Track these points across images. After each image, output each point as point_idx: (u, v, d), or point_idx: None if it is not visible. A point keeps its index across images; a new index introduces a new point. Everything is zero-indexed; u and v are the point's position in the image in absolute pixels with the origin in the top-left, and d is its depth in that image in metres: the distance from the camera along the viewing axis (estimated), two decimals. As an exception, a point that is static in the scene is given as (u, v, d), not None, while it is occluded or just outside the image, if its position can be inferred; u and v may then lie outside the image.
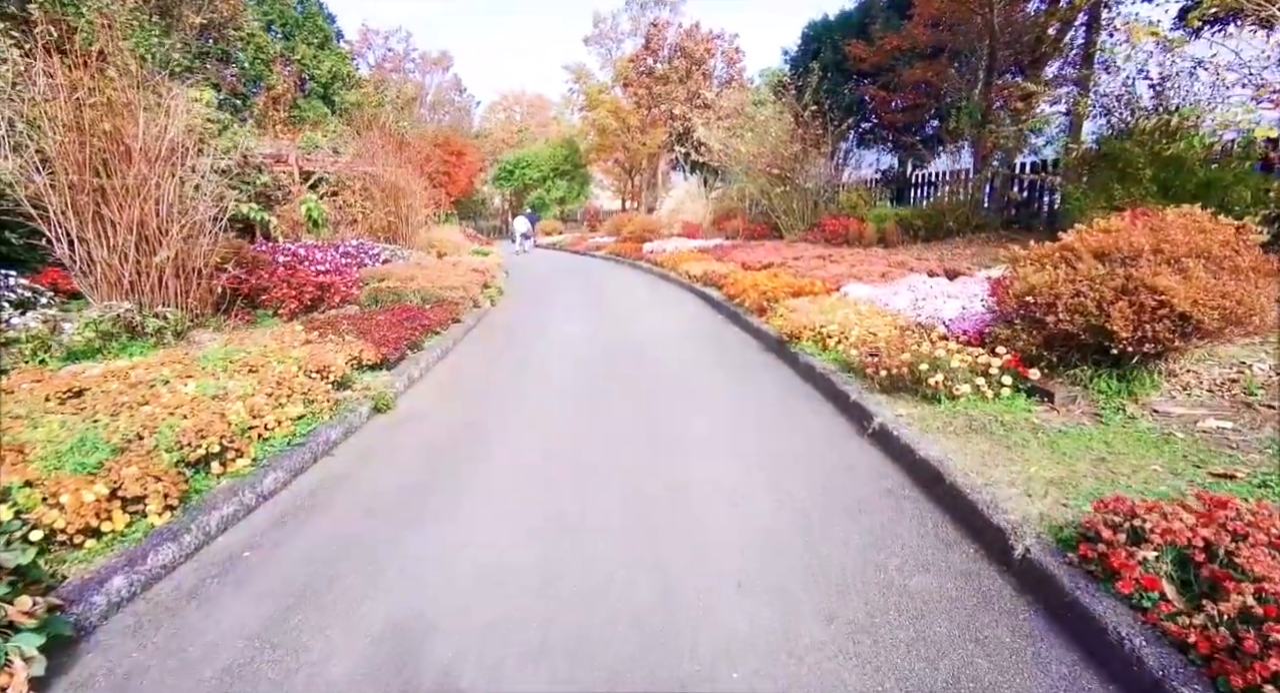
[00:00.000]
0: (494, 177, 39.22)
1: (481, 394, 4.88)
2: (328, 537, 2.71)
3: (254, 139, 11.65)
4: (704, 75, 29.63)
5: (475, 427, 4.07)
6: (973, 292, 5.75)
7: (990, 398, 3.61)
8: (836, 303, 6.21)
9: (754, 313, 7.16)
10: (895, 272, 7.58)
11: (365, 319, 6.15)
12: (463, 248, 14.43)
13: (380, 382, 4.61)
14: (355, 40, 37.75)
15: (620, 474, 3.30)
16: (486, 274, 10.39)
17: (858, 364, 4.44)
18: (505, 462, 3.49)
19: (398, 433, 3.98)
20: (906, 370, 3.85)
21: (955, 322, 4.84)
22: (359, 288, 7.72)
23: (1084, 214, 8.69)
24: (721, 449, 3.59)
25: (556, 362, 5.85)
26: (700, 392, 4.77)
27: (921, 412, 3.65)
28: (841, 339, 5.08)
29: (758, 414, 4.21)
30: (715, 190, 23.49)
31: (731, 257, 11.67)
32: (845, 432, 3.81)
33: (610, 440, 3.80)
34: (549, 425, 4.10)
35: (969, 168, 14.90)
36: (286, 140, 17.00)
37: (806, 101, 15.99)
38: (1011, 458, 2.99)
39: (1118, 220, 3.85)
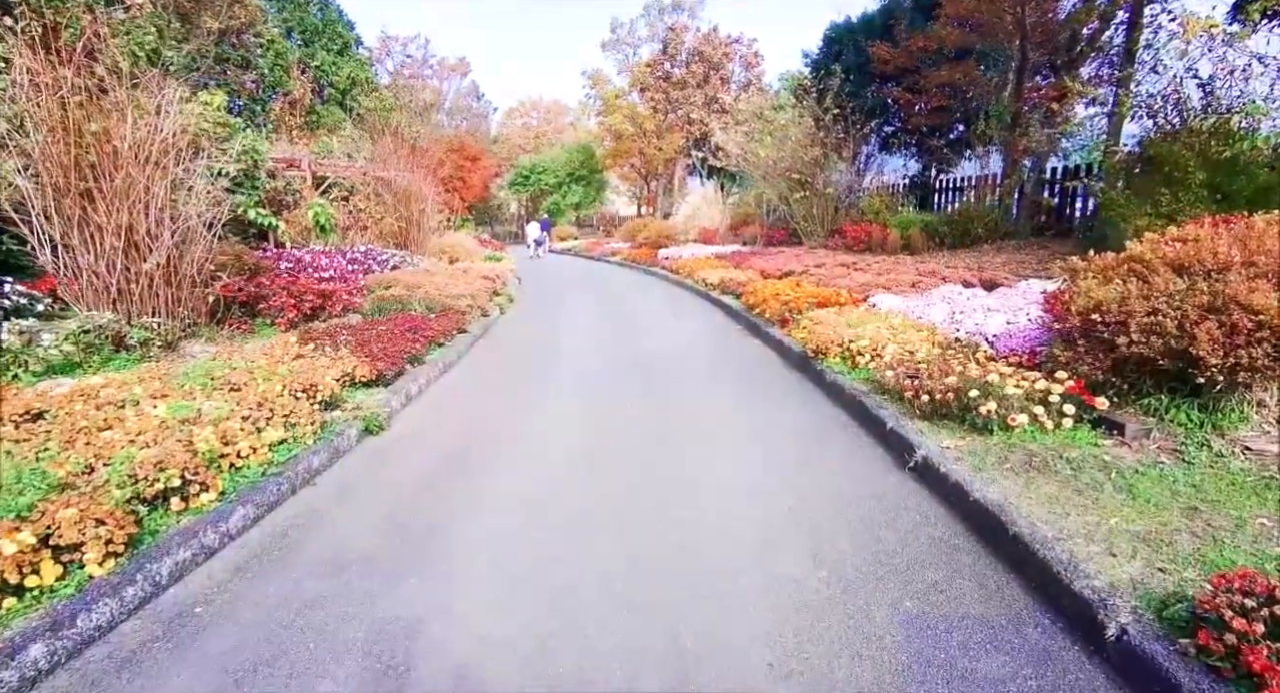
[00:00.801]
0: (510, 182, 39.15)
1: (480, 416, 4.52)
2: (291, 593, 2.35)
3: (265, 143, 11.50)
4: (722, 80, 29.31)
5: (469, 457, 3.71)
6: (1015, 305, 5.30)
7: (1050, 429, 3.18)
8: (865, 316, 5.80)
9: (775, 325, 6.76)
10: (927, 282, 7.13)
11: (366, 330, 5.85)
12: (475, 254, 14.18)
13: (373, 400, 4.28)
14: (374, 47, 37.95)
15: (627, 523, 2.92)
16: (497, 282, 10.09)
17: (893, 385, 4.03)
18: (496, 504, 3.12)
19: (386, 461, 3.63)
20: (952, 396, 3.44)
21: (1001, 338, 4.41)
22: (363, 296, 7.44)
23: (1128, 222, 8.22)
24: (745, 489, 3.19)
25: (563, 378, 5.49)
26: (720, 417, 4.38)
27: (971, 443, 3.23)
28: (874, 356, 4.66)
29: (784, 444, 3.81)
30: (732, 196, 23.10)
31: (749, 264, 11.27)
32: (884, 465, 3.40)
33: (617, 474, 3.43)
34: (550, 455, 3.73)
35: (997, 173, 14.37)
36: (302, 145, 16.97)
37: (828, 105, 15.57)
38: (1085, 504, 2.56)
39: (1194, 228, 3.41)
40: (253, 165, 10.70)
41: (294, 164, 13.33)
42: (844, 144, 16.15)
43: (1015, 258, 11.00)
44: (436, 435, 4.04)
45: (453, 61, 41.85)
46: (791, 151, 16.63)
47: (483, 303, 8.05)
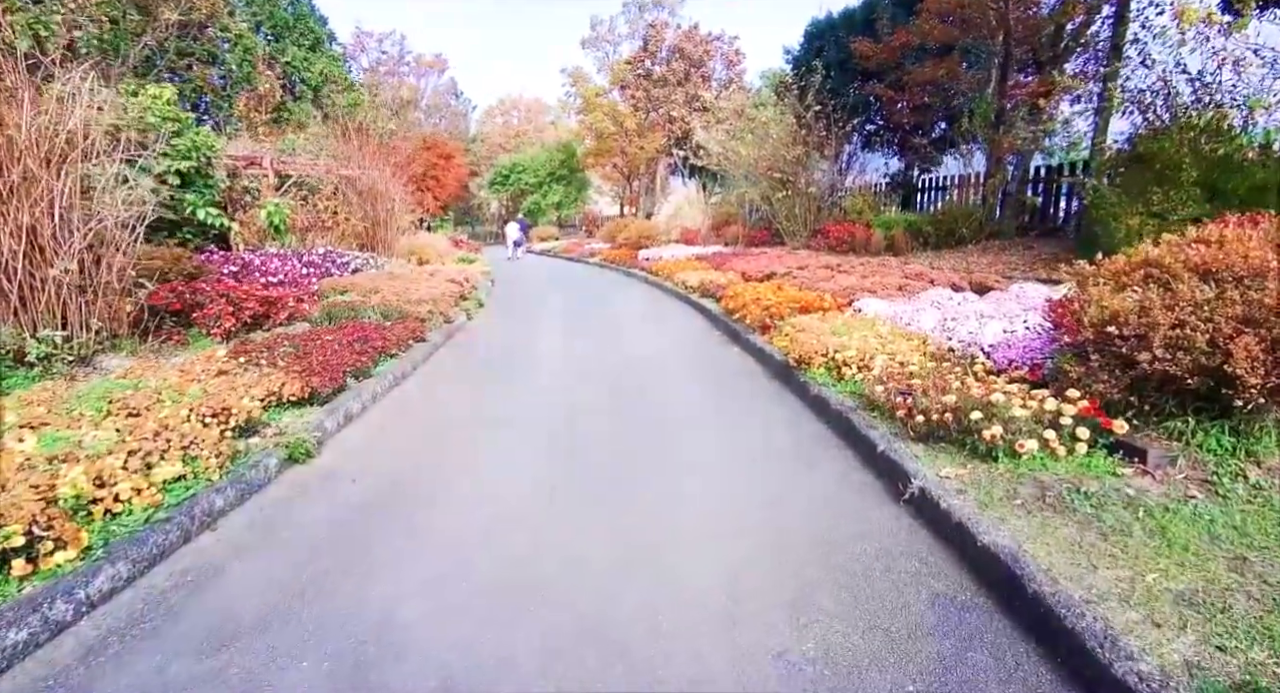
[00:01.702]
0: (490, 181, 38.50)
1: (428, 439, 4.05)
2: (148, 684, 1.89)
3: (221, 139, 10.89)
4: (703, 77, 28.96)
5: (407, 491, 3.24)
6: (1009, 310, 4.95)
7: (1062, 456, 2.80)
8: (850, 321, 5.41)
9: (756, 331, 6.36)
10: (914, 284, 6.78)
11: (310, 340, 5.35)
12: (446, 255, 13.65)
13: (303, 423, 3.79)
14: (349, 43, 37.09)
15: (585, 580, 2.49)
16: (466, 285, 9.60)
17: (883, 401, 3.64)
18: (431, 554, 2.67)
19: (309, 497, 3.16)
20: (950, 417, 3.04)
21: (998, 349, 4.03)
22: (315, 302, 6.92)
23: (1119, 221, 7.95)
24: (722, 528, 2.77)
25: (526, 393, 5.04)
26: (697, 438, 3.95)
27: (974, 473, 2.84)
28: (862, 368, 4.27)
29: (764, 468, 3.39)
30: (714, 196, 22.75)
31: (731, 265, 10.89)
32: (875, 496, 3.00)
33: (579, 514, 2.99)
34: (502, 490, 3.28)
35: (981, 172, 14.13)
36: (269, 143, 16.30)
37: (809, 102, 15.25)
38: (1113, 553, 2.17)
39: (1217, 228, 3.05)
40: (205, 162, 10.11)
41: (255, 162, 12.71)
42: (826, 142, 15.83)
43: (1001, 258, 10.73)
44: (374, 464, 3.57)
45: (430, 58, 41.11)
46: (773, 150, 16.29)
47: (446, 308, 7.55)
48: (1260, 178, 7.12)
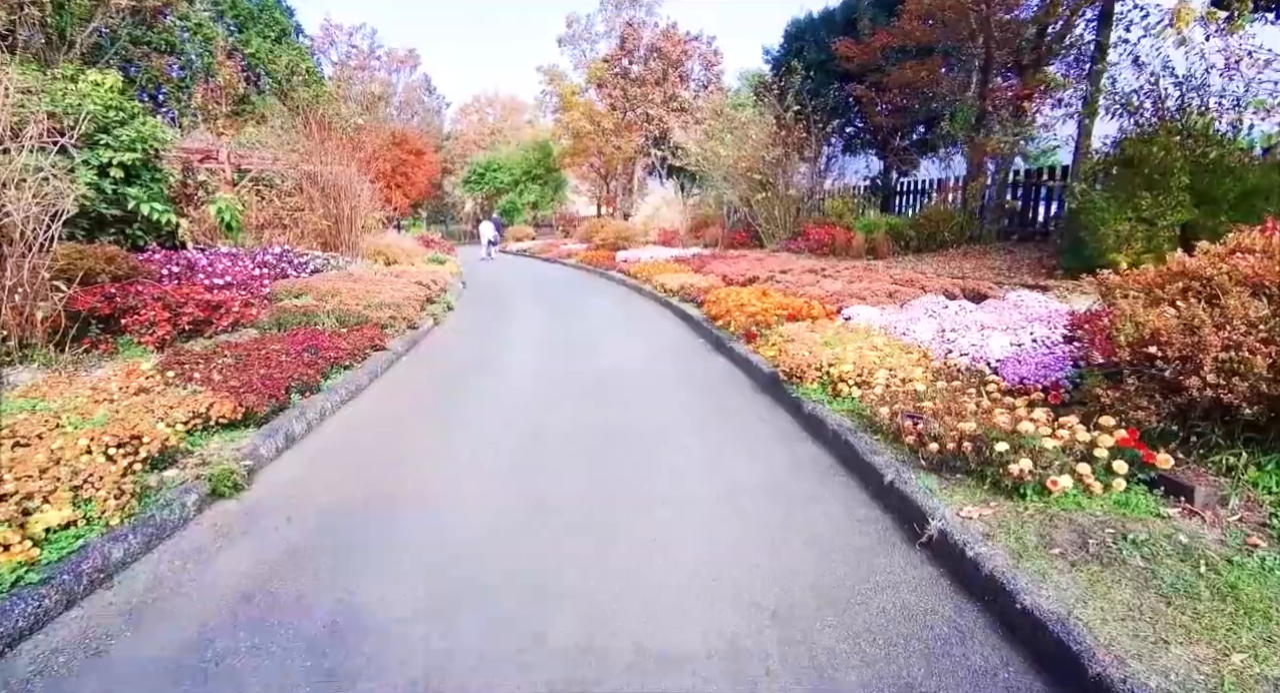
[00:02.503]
0: (464, 180, 37.71)
1: (379, 466, 3.60)
2: None
3: (171, 131, 10.21)
4: (681, 78, 28.67)
5: (350, 530, 2.80)
6: (1011, 320, 4.66)
7: (1098, 492, 2.47)
8: (842, 331, 5.08)
9: (741, 339, 6.01)
10: (905, 291, 6.49)
11: (255, 349, 4.86)
12: (415, 255, 13.09)
13: (233, 450, 3.31)
14: (317, 36, 36.03)
15: (548, 654, 2.08)
16: (434, 287, 9.09)
17: (886, 424, 3.30)
18: (375, 610, 2.24)
19: (232, 542, 2.69)
20: (969, 447, 2.70)
21: (1007, 364, 3.72)
22: (265, 306, 6.38)
23: (1107, 226, 7.77)
24: (714, 580, 2.38)
25: (493, 408, 4.60)
26: (678, 462, 3.56)
27: (999, 513, 2.49)
28: (860, 384, 3.93)
29: (759, 503, 3.01)
30: (692, 197, 22.46)
31: (711, 268, 10.55)
32: (886, 536, 2.64)
33: (542, 567, 2.58)
34: (459, 527, 2.85)
35: (961, 175, 14.02)
36: (230, 136, 15.53)
37: (789, 103, 15.02)
38: (1183, 623, 1.83)
39: (1262, 236, 2.75)
40: (153, 154, 9.46)
41: (211, 155, 12.03)
42: (806, 144, 15.62)
43: (986, 263, 10.56)
44: (314, 498, 3.11)
45: (402, 53, 40.17)
46: (752, 151, 16.03)
47: (411, 313, 7.06)
48: (1252, 182, 6.98)
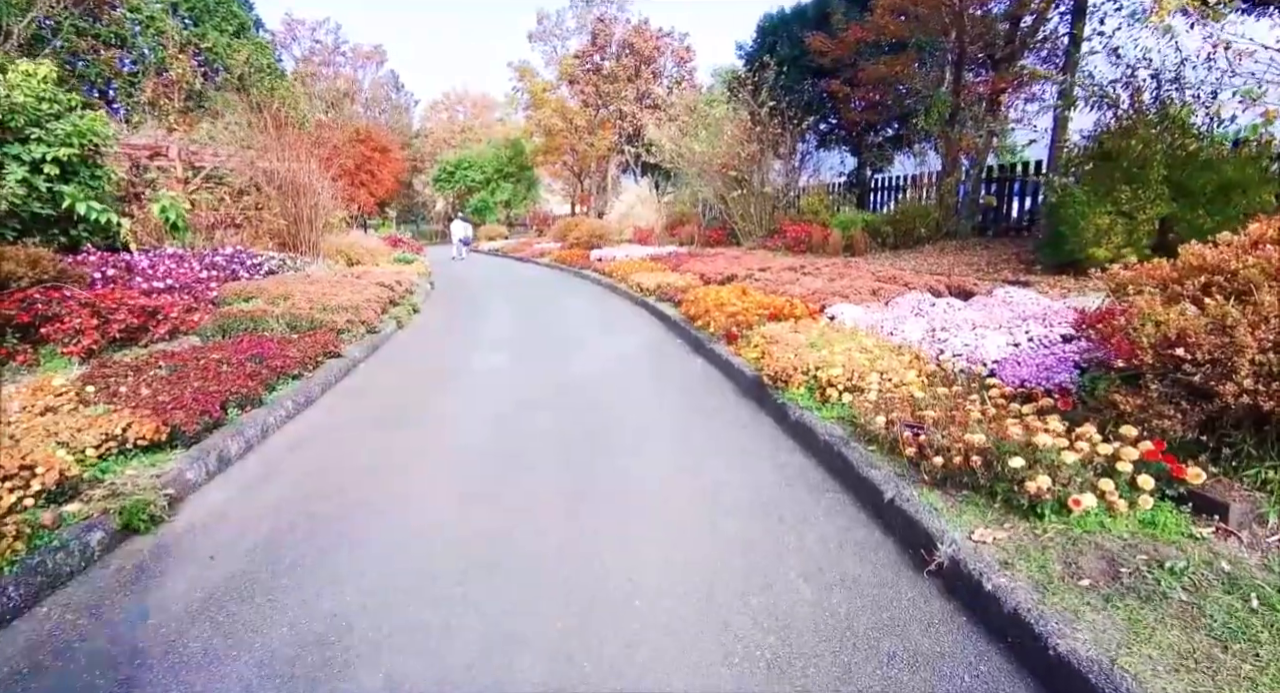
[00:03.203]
0: (434, 178, 36.95)
1: (324, 488, 3.22)
2: None
3: (112, 125, 9.58)
4: (654, 74, 28.39)
5: (285, 573, 2.44)
6: (1001, 317, 4.45)
7: (1123, 511, 2.22)
8: (828, 331, 4.83)
9: (721, 340, 5.73)
10: (889, 288, 6.27)
11: (194, 358, 4.43)
12: (380, 255, 12.58)
13: (151, 477, 2.92)
14: (279, 31, 34.95)
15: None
16: (398, 289, 8.66)
17: (882, 434, 3.03)
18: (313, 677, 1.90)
19: (143, 589, 2.31)
20: (979, 461, 2.44)
21: (1005, 366, 3.49)
22: (209, 311, 5.92)
23: (1086, 220, 7.67)
24: (692, 621, 2.08)
25: (455, 419, 4.25)
26: (657, 475, 3.26)
27: (1015, 535, 2.24)
28: (850, 389, 3.67)
29: (748, 524, 2.72)
30: (667, 194, 22.20)
31: (688, 266, 10.28)
32: (889, 563, 2.37)
33: (505, 609, 2.25)
34: (411, 556, 2.51)
35: (936, 171, 13.98)
36: (181, 132, 14.81)
37: (763, 99, 14.82)
38: (1249, 675, 1.58)
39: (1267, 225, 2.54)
40: (93, 150, 8.87)
41: (160, 152, 11.39)
42: (781, 140, 15.45)
43: (964, 258, 10.46)
44: (245, 529, 2.73)
45: (368, 49, 39.20)
46: (727, 147, 15.81)
47: (370, 316, 6.64)
48: (1229, 175, 6.92)
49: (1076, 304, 4.45)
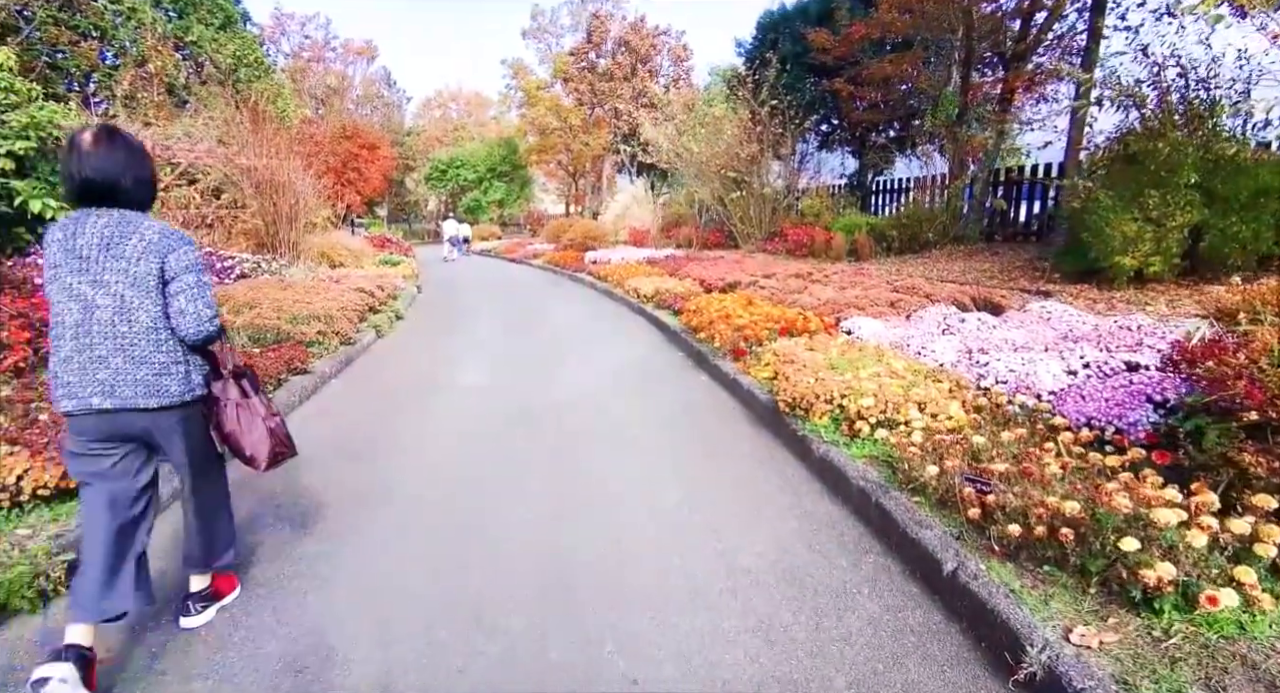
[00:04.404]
0: (426, 176, 36.31)
1: (273, 543, 2.72)
2: None
3: (73, 117, 8.99)
4: (650, 72, 27.92)
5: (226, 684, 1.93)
6: (1042, 337, 3.99)
7: (1269, 608, 1.74)
8: (848, 350, 4.34)
9: (727, 356, 5.25)
10: (908, 300, 5.80)
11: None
12: (365, 257, 12.03)
13: (45, 539, 2.39)
14: (267, 25, 34.21)
15: None
16: (380, 294, 8.13)
17: (932, 484, 2.55)
18: None
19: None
20: (1071, 535, 1.96)
21: (1068, 400, 3.01)
22: (164, 321, 5.37)
23: (1112, 226, 7.23)
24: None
25: (430, 451, 3.74)
26: (658, 529, 2.76)
27: (1129, 639, 1.75)
28: (884, 423, 3.19)
29: (770, 601, 2.23)
30: (663, 195, 21.72)
31: (686, 271, 9.80)
32: (956, 660, 1.88)
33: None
34: (364, 655, 2.01)
35: (943, 173, 13.55)
36: (160, 127, 14.22)
37: (764, 97, 14.35)
38: None
39: None
40: (53, 144, 8.30)
41: (132, 146, 10.80)
42: (782, 140, 14.99)
43: (974, 265, 10.03)
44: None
45: (359, 44, 38.52)
46: (726, 147, 15.33)
47: (345, 327, 6.11)
48: (1265, 181, 6.51)
49: (1128, 323, 3.98)
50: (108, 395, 1.82)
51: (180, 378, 1.94)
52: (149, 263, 1.85)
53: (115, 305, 1.83)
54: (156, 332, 1.88)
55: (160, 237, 1.88)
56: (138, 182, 1.90)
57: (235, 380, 2.08)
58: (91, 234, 1.82)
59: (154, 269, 1.86)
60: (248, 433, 2.08)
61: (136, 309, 1.85)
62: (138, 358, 1.85)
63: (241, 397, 2.08)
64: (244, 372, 2.13)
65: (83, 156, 1.81)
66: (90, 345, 1.82)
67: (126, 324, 1.84)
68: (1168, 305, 6.25)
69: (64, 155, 1.83)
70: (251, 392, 2.12)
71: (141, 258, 1.84)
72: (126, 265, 1.83)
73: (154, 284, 1.87)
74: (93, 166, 1.81)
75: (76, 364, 1.82)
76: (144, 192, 1.95)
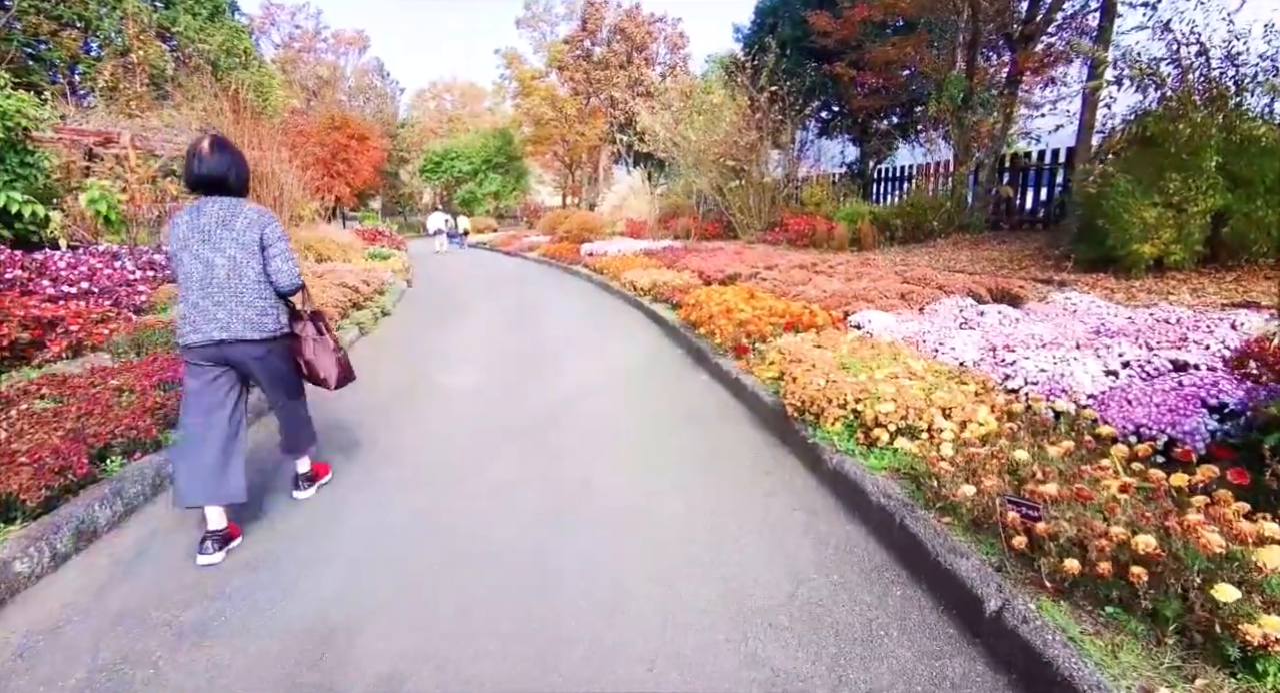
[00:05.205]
0: (420, 169, 35.82)
1: (198, 577, 2.41)
2: None
3: (45, 109, 8.62)
4: (646, 61, 27.43)
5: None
6: (1074, 333, 3.67)
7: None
8: (859, 347, 4.02)
9: (728, 353, 4.93)
10: (920, 292, 5.47)
11: (87, 385, 3.59)
12: (353, 251, 11.67)
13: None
14: (256, 15, 33.64)
15: None
16: (365, 289, 7.79)
17: (967, 505, 2.24)
18: None
19: None
20: (1145, 576, 1.65)
21: (1112, 404, 2.69)
22: (129, 323, 5.04)
23: (1130, 213, 6.89)
24: None
25: (411, 461, 3.43)
26: (657, 552, 2.46)
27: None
28: (908, 432, 2.88)
29: (783, 646, 1.92)
30: (660, 186, 21.34)
31: (685, 263, 9.47)
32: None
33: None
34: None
35: (947, 160, 13.18)
36: (142, 118, 13.83)
37: (762, 84, 13.94)
38: None
39: None
40: (21, 135, 7.95)
41: (111, 139, 10.45)
42: (781, 128, 14.60)
43: (982, 254, 9.70)
44: (96, 647, 1.91)
45: (350, 34, 37.92)
46: (724, 136, 14.94)
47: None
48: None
49: (1166, 316, 3.67)
50: (223, 331, 2.42)
51: (273, 318, 2.54)
52: (252, 234, 2.45)
53: (229, 265, 2.42)
54: (259, 284, 2.48)
55: (258, 215, 2.51)
56: (238, 177, 2.52)
57: (312, 322, 2.71)
58: (210, 215, 2.42)
59: (255, 238, 2.46)
60: (322, 361, 2.71)
61: (244, 267, 2.44)
62: (246, 303, 2.45)
63: (317, 334, 2.72)
64: (319, 316, 2.76)
65: (201, 160, 2.42)
66: (211, 294, 2.41)
67: (238, 279, 2.43)
68: (1192, 295, 5.94)
69: (186, 159, 2.47)
70: (324, 331, 2.74)
71: (246, 230, 2.45)
72: (236, 236, 2.43)
73: (256, 249, 2.46)
74: (208, 167, 2.42)
75: (201, 308, 2.41)
76: (243, 184, 2.56)
